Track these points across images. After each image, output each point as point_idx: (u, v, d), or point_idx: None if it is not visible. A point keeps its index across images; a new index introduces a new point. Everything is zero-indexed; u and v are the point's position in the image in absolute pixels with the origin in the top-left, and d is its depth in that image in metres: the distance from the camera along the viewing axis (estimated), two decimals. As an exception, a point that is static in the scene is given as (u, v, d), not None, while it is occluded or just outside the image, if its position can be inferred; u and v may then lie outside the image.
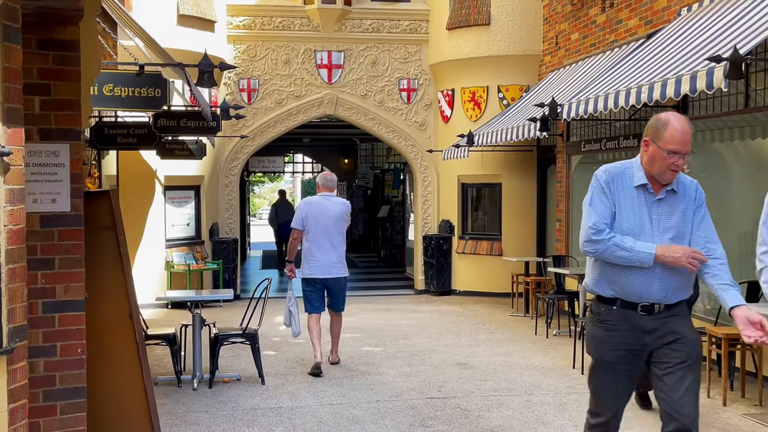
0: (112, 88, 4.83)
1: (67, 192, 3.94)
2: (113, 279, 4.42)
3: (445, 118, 13.99)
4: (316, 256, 7.71)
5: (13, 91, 2.96)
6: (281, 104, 13.83)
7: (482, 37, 13.09)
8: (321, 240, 7.68)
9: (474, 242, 13.80)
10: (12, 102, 2.96)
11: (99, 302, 4.38)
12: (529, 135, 9.44)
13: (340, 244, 7.78)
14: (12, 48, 2.96)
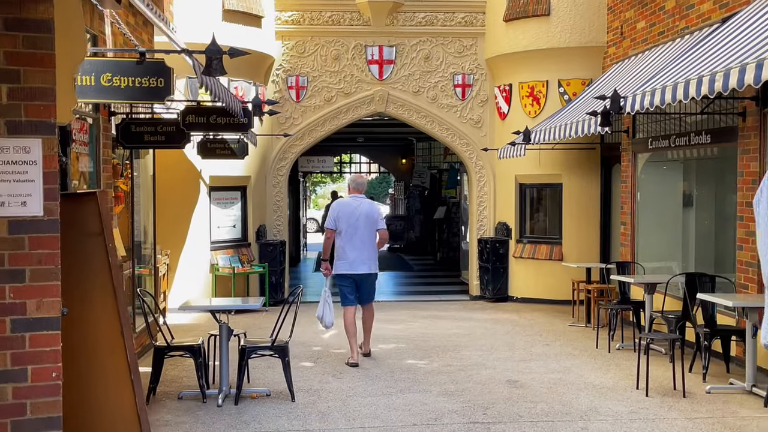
0: (110, 78, 4.36)
1: (39, 193, 3.45)
2: (101, 291, 3.93)
3: (501, 115, 13.26)
4: (348, 254, 8.22)
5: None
6: (330, 102, 13.32)
7: (542, 28, 12.32)
8: (352, 239, 8.19)
9: (532, 246, 13.03)
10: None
11: (85, 318, 3.90)
12: (589, 131, 8.67)
13: (370, 242, 8.26)
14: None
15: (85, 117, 6.62)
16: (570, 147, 12.15)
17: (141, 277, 9.36)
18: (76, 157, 6.40)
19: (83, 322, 3.87)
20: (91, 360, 3.92)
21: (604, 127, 7.86)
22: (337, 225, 8.21)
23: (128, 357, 3.90)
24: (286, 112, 13.23)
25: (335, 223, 8.23)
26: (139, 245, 9.33)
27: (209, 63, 4.34)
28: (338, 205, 8.39)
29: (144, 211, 9.73)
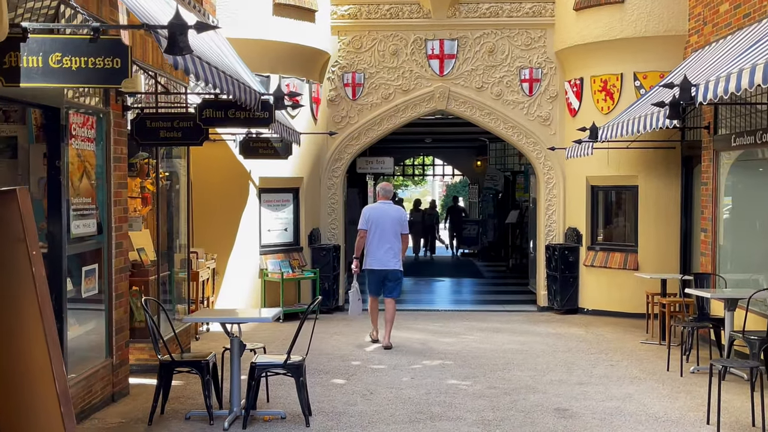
0: (60, 59, 3.79)
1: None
2: (23, 311, 3.34)
3: (572, 112, 12.26)
4: (375, 252, 9.22)
5: None
6: (388, 100, 12.61)
7: (615, 16, 11.28)
8: (380, 239, 9.21)
9: (605, 254, 11.96)
10: None
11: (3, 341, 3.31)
12: (657, 125, 7.66)
13: (395, 242, 9.28)
14: None
15: (89, 111, 6.13)
16: (646, 146, 11.05)
17: (173, 283, 8.89)
18: (76, 154, 5.92)
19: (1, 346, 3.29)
20: (12, 394, 3.34)
21: (673, 120, 6.87)
22: (368, 226, 9.30)
23: (57, 386, 3.30)
24: (342, 110, 12.62)
25: (367, 225, 9.30)
26: (172, 248, 8.86)
27: (173, 40, 3.70)
28: (369, 210, 9.51)
29: (181, 212, 9.27)
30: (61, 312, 5.60)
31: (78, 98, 5.98)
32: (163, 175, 8.49)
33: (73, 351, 6.05)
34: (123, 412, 6.38)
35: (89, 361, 6.36)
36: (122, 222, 6.76)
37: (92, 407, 6.23)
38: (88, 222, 6.10)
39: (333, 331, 10.39)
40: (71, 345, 5.98)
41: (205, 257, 10.54)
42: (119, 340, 6.71)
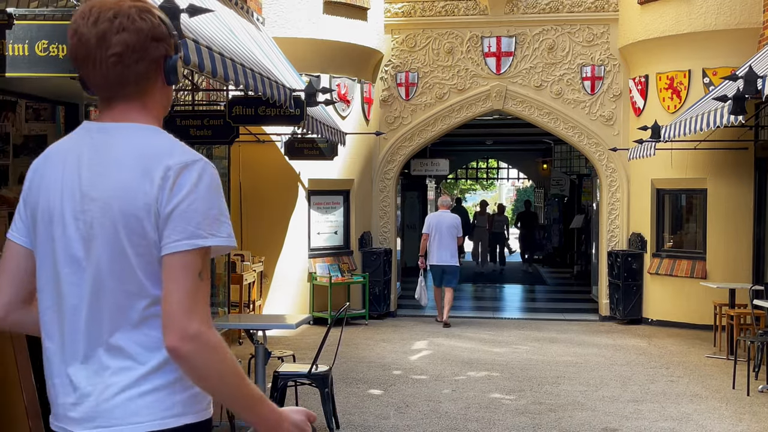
0: (46, 46, 3.57)
1: None
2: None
3: (636, 111, 11.63)
4: (436, 251, 11.18)
5: None
6: (442, 99, 12.22)
7: (682, 10, 10.62)
8: (439, 241, 11.16)
9: (671, 261, 11.28)
10: None
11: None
12: (721, 122, 7.04)
13: (452, 243, 11.22)
14: None
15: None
16: (716, 146, 10.35)
17: (214, 286, 8.71)
18: (98, 153, 5.74)
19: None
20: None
21: (737, 116, 6.28)
22: (430, 231, 11.25)
23: (25, 398, 3.05)
24: (394, 111, 12.30)
25: (429, 229, 11.29)
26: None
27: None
28: (431, 217, 11.56)
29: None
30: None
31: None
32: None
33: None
34: (147, 419, 6.18)
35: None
36: None
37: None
38: (111, 222, 5.92)
39: (380, 338, 10.06)
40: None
41: (251, 260, 10.36)
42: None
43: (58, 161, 1.82)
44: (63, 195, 1.77)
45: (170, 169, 1.69)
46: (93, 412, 1.71)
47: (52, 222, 1.78)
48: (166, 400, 1.73)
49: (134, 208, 1.70)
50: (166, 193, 1.69)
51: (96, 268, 1.72)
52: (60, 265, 1.76)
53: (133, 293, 1.72)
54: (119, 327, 1.72)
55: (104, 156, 1.76)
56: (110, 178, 1.73)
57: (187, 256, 1.68)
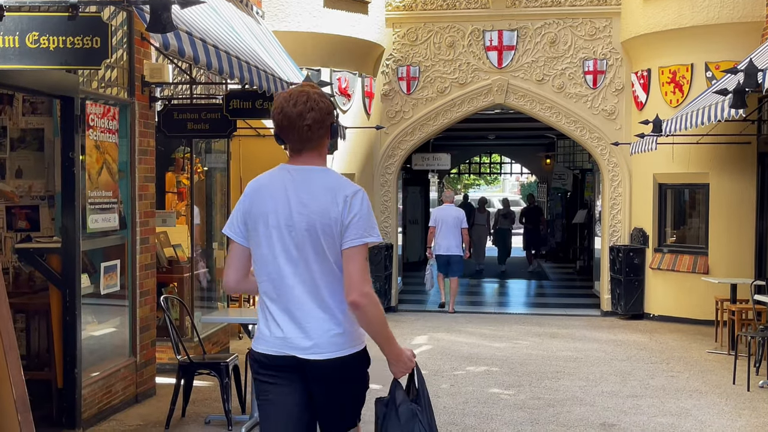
0: (36, 38, 3.54)
1: None
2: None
3: (639, 105, 11.57)
4: (442, 242, 11.91)
5: None
6: (443, 93, 12.17)
7: (685, 3, 10.55)
8: (445, 233, 11.88)
9: (672, 256, 11.23)
10: None
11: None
12: (722, 116, 7.00)
13: (457, 234, 11.91)
14: None
15: (110, 101, 5.94)
16: (718, 140, 10.29)
17: (214, 280, 8.69)
18: (95, 146, 5.73)
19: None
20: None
21: (738, 109, 6.23)
22: (436, 224, 11.96)
23: (14, 393, 3.04)
24: (395, 105, 12.26)
25: (435, 222, 12.02)
26: (211, 245, 8.67)
27: (156, 16, 3.40)
28: (436, 211, 12.37)
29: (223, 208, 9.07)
30: (74, 308, 5.40)
31: (99, 88, 5.79)
32: (200, 169, 8.30)
33: (91, 349, 5.87)
34: (144, 414, 6.17)
35: (110, 360, 6.18)
36: (149, 217, 6.55)
37: (112, 408, 6.04)
38: (108, 216, 5.91)
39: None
40: (88, 343, 5.79)
41: (251, 254, 10.33)
42: (144, 339, 6.51)
43: (266, 190, 3.01)
44: (277, 212, 2.93)
45: (347, 197, 2.88)
46: (311, 340, 2.90)
47: (267, 228, 2.94)
48: (347, 336, 2.93)
49: (329, 221, 2.88)
50: (345, 211, 2.87)
51: (305, 260, 2.90)
52: (278, 258, 2.93)
53: (327, 272, 2.91)
54: (319, 294, 2.91)
55: (304, 188, 2.94)
56: (313, 203, 2.90)
57: (359, 247, 2.87)
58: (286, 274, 2.92)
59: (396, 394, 3.05)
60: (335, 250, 2.89)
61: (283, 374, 2.95)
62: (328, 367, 2.92)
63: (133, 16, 5.98)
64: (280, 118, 2.97)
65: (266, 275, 2.95)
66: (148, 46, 6.31)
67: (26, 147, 6.54)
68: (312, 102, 2.94)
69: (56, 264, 5.49)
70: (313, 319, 2.90)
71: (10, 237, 6.44)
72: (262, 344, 2.97)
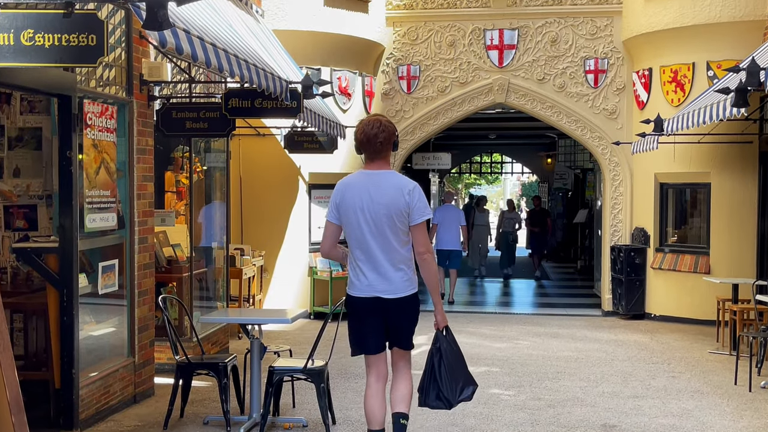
0: (32, 36, 3.51)
1: None
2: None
3: (640, 104, 11.53)
4: (443, 237, 12.66)
5: None
6: (444, 93, 12.14)
7: (686, 2, 10.51)
8: (446, 229, 12.61)
9: (674, 256, 11.19)
10: None
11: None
12: (723, 115, 6.96)
13: (457, 230, 12.78)
14: None
15: (109, 100, 5.90)
16: (720, 140, 10.25)
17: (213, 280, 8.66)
18: (92, 145, 5.69)
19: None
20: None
21: (740, 108, 6.19)
22: (438, 221, 12.57)
23: (8, 394, 3.01)
24: (396, 104, 12.23)
25: (437, 220, 12.57)
26: (209, 244, 8.63)
27: (153, 13, 3.36)
28: (438, 210, 13.05)
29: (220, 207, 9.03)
30: (71, 308, 5.37)
31: (97, 87, 5.76)
32: (199, 168, 8.26)
33: (88, 349, 5.83)
34: (142, 414, 6.14)
35: (108, 360, 6.14)
36: (148, 216, 6.52)
37: (110, 408, 6.00)
38: (106, 216, 5.87)
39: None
40: (86, 343, 5.76)
41: (251, 254, 10.30)
42: (143, 339, 6.47)
43: (353, 187, 4.49)
44: (362, 202, 4.43)
45: (410, 191, 4.40)
46: (388, 286, 4.48)
47: (356, 213, 4.44)
48: (409, 283, 4.53)
49: (399, 207, 4.40)
50: (410, 199, 4.40)
51: (382, 234, 4.42)
52: (364, 232, 4.44)
53: (396, 241, 4.45)
54: (395, 255, 4.46)
55: (378, 186, 4.43)
56: (386, 196, 4.41)
57: (422, 223, 4.45)
58: (370, 242, 4.44)
59: (440, 339, 4.69)
60: (402, 227, 4.43)
61: (369, 308, 4.53)
62: (401, 301, 4.51)
63: (131, 14, 5.94)
64: (362, 137, 4.49)
65: (357, 244, 4.48)
66: (147, 45, 6.27)
67: (24, 146, 6.52)
68: (383, 126, 4.48)
69: (54, 264, 5.46)
70: (389, 271, 4.46)
71: (8, 236, 6.41)
72: (355, 290, 4.58)
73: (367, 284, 4.47)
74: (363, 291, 4.49)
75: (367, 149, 4.48)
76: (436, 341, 4.67)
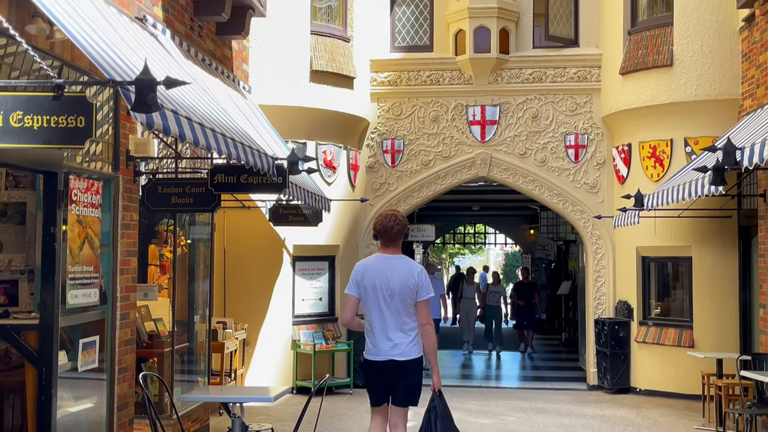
0: (21, 117, 3.56)
1: None
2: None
3: (620, 179, 11.71)
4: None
5: None
6: (428, 166, 12.29)
7: (663, 80, 10.80)
8: None
9: (657, 329, 11.21)
10: None
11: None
12: (702, 192, 7.09)
13: (436, 301, 13.57)
14: None
15: (94, 176, 5.94)
16: (700, 214, 10.39)
17: (193, 354, 8.56)
18: (77, 220, 5.69)
19: None
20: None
21: (717, 186, 6.32)
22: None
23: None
24: (380, 177, 12.35)
25: None
26: (192, 318, 8.56)
27: (142, 96, 3.43)
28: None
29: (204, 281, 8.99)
30: (49, 387, 5.28)
31: (84, 163, 5.80)
32: (183, 242, 8.26)
33: (66, 427, 5.71)
34: (119, 496, 5.98)
35: (85, 439, 6.01)
36: (130, 291, 6.48)
37: (86, 489, 5.85)
38: (88, 291, 5.83)
39: (364, 409, 9.79)
40: (63, 421, 5.64)
41: (234, 327, 10.22)
42: (122, 417, 6.35)
43: (372, 267, 5.50)
44: (380, 281, 5.41)
45: (418, 273, 5.46)
46: (399, 350, 5.38)
47: (375, 290, 5.41)
48: (416, 347, 5.45)
49: (409, 286, 5.41)
50: (418, 280, 5.44)
51: (395, 307, 5.39)
52: (381, 305, 5.39)
53: (405, 314, 5.41)
54: (403, 323, 5.40)
55: (393, 268, 5.46)
56: (398, 276, 5.42)
57: (426, 300, 5.47)
58: (385, 314, 5.37)
59: (436, 399, 5.46)
60: (411, 301, 5.39)
61: (382, 369, 5.42)
62: (409, 362, 5.40)
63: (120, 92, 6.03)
64: (380, 227, 5.53)
65: (373, 315, 5.40)
66: (135, 122, 6.34)
67: (8, 221, 6.50)
68: (398, 220, 5.54)
69: (33, 341, 5.39)
70: (399, 338, 5.36)
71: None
72: (373, 355, 5.49)
73: (382, 349, 5.38)
74: (378, 355, 5.40)
75: (384, 237, 5.50)
76: (433, 400, 5.47)
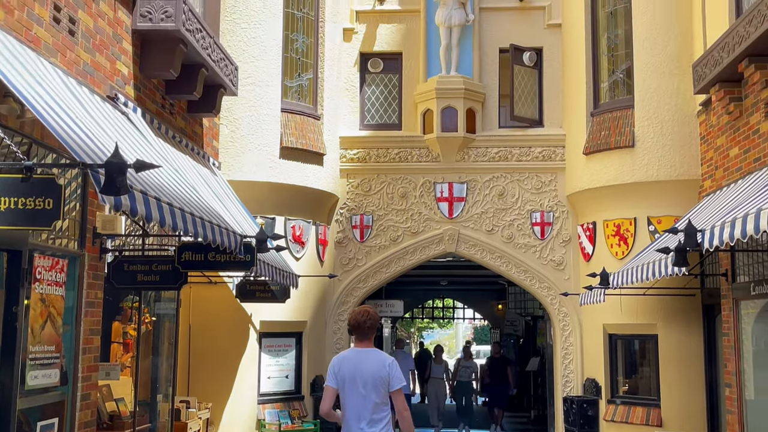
0: (-12, 199, 3.54)
1: None
2: None
3: (586, 256, 11.85)
4: None
5: None
6: (396, 242, 12.35)
7: (626, 161, 11.07)
8: None
9: (626, 408, 11.18)
10: None
11: None
12: (666, 272, 7.21)
13: (406, 375, 12.02)
14: None
15: (58, 254, 5.88)
16: (664, 293, 10.50)
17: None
18: (40, 299, 5.61)
19: None
20: None
21: (680, 267, 6.43)
22: None
23: None
24: (349, 252, 12.36)
25: None
26: (155, 398, 8.37)
27: (111, 179, 3.44)
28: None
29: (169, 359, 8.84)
30: (4, 474, 5.10)
31: (48, 240, 5.75)
32: (148, 318, 8.15)
33: None
34: None
35: None
36: (92, 371, 6.35)
37: None
38: (49, 372, 5.71)
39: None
40: None
41: (197, 406, 10.00)
42: (79, 504, 6.14)
43: (347, 360, 5.97)
44: (355, 373, 5.83)
45: (389, 364, 5.86)
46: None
47: (351, 380, 5.82)
48: (390, 429, 5.87)
49: (381, 376, 5.82)
50: (390, 371, 5.84)
51: (369, 396, 5.78)
52: (355, 395, 5.79)
53: (379, 402, 5.82)
54: (374, 412, 5.79)
55: (366, 360, 5.89)
56: (371, 368, 5.83)
57: (400, 389, 5.90)
58: (360, 402, 5.76)
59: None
60: (383, 390, 5.79)
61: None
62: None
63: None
64: (354, 323, 5.98)
65: (350, 404, 5.78)
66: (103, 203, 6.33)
67: (-31, 298, 6.37)
68: (370, 316, 5.98)
69: (-11, 424, 5.23)
70: (375, 423, 5.74)
71: (-57, 392, 6.13)
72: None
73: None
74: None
75: (357, 333, 5.96)
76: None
